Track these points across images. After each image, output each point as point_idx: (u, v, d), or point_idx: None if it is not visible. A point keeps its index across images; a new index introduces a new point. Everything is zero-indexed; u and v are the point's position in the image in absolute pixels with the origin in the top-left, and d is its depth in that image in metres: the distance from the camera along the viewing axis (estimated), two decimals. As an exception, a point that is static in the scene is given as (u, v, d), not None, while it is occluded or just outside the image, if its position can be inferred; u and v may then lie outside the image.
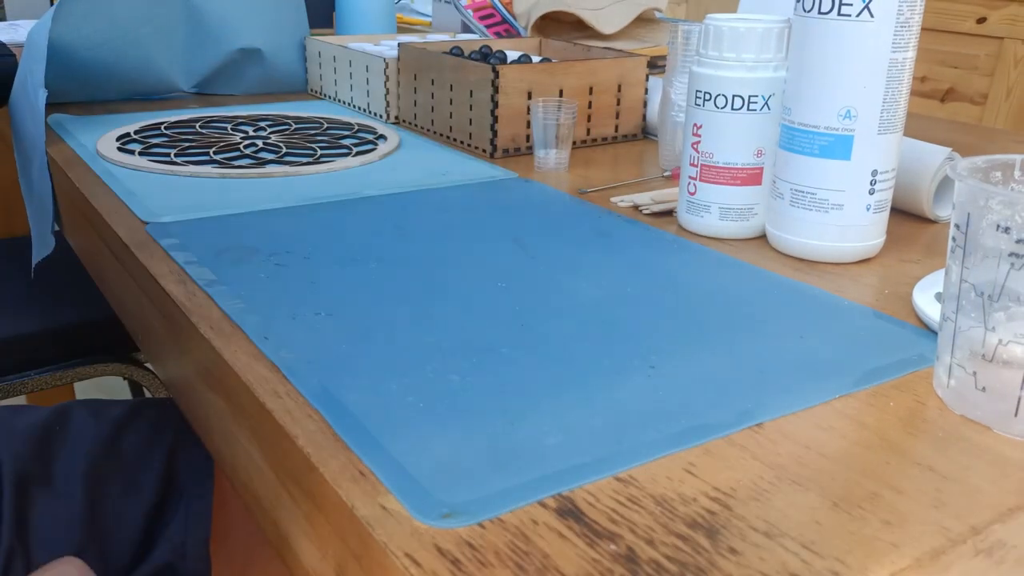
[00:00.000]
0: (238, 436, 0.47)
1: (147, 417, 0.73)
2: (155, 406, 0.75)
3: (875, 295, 0.56)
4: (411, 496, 0.35)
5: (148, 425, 0.72)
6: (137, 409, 0.74)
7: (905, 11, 0.55)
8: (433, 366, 0.45)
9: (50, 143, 0.89)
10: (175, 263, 0.58)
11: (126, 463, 0.69)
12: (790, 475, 0.37)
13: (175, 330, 0.55)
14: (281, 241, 0.62)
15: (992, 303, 0.39)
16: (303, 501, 0.40)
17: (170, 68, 1.09)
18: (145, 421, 0.72)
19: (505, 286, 0.55)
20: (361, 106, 1.05)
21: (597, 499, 0.35)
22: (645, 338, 0.49)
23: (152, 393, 1.19)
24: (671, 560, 0.32)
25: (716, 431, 0.40)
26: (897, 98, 0.58)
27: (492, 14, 1.31)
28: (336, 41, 1.14)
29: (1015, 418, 0.40)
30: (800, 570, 0.31)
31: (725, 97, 0.63)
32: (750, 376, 0.45)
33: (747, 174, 0.64)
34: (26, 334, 1.10)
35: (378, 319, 0.50)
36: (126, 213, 0.68)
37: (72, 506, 0.65)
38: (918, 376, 0.46)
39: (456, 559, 0.32)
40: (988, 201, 0.39)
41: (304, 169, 0.80)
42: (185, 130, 0.93)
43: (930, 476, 0.37)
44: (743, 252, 0.63)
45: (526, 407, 0.41)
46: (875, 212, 0.60)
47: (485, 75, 0.84)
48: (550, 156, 0.82)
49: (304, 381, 0.43)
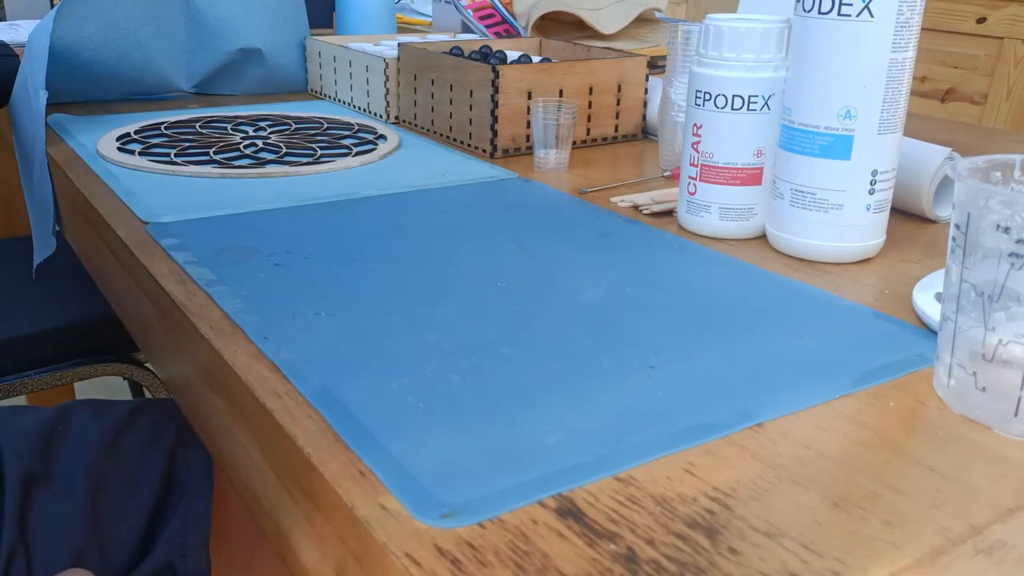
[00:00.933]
0: (238, 436, 0.47)
1: (147, 418, 0.73)
2: (155, 406, 0.75)
3: (875, 295, 0.56)
4: (411, 496, 0.35)
5: (148, 426, 0.72)
6: (137, 410, 0.74)
7: (905, 11, 0.55)
8: (433, 366, 0.45)
9: (50, 143, 0.89)
10: (175, 263, 0.58)
11: (126, 463, 0.69)
12: (790, 475, 0.37)
13: (175, 330, 0.55)
14: (281, 241, 0.62)
15: (992, 303, 0.39)
16: (303, 501, 0.40)
17: (170, 68, 1.09)
18: (145, 422, 0.72)
19: (505, 286, 0.55)
20: (361, 106, 1.05)
21: (597, 499, 0.35)
22: (645, 338, 0.49)
23: (152, 393, 1.19)
24: (671, 560, 0.32)
25: (716, 431, 0.40)
26: (897, 98, 0.58)
27: (492, 14, 1.31)
28: (336, 41, 1.14)
29: (1015, 418, 0.40)
30: (800, 570, 0.31)
31: (725, 97, 0.63)
32: (750, 376, 0.45)
33: (747, 174, 0.64)
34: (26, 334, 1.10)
35: (378, 319, 0.50)
36: (126, 213, 0.68)
37: (73, 506, 0.65)
38: (918, 376, 0.46)
39: (456, 559, 0.32)
40: (988, 201, 0.39)
41: (304, 169, 0.80)
42: (185, 130, 0.93)
43: (930, 476, 0.37)
44: (743, 252, 0.63)
45: (526, 407, 0.41)
46: (875, 212, 0.60)
47: (485, 75, 0.84)
48: (550, 156, 0.82)
49: (304, 381, 0.43)
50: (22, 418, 0.70)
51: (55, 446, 0.68)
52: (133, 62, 1.05)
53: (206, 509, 0.69)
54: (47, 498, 0.65)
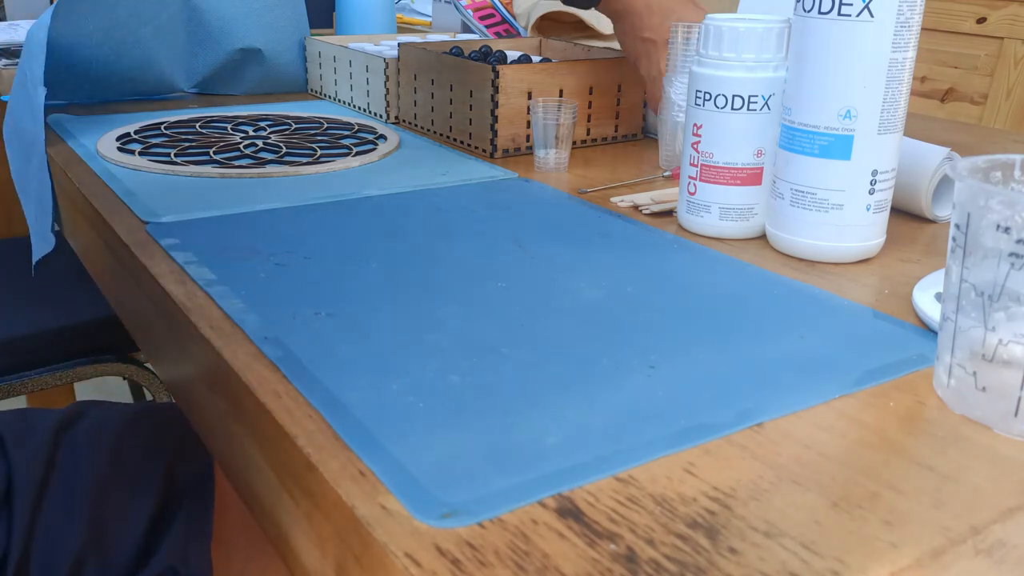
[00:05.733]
0: (238, 436, 0.47)
1: (149, 423, 0.73)
2: (157, 412, 0.76)
3: (875, 295, 0.56)
4: (411, 496, 0.35)
5: (150, 431, 0.72)
6: (139, 415, 0.74)
7: (905, 11, 0.55)
8: (433, 366, 0.45)
9: (50, 143, 0.89)
10: (175, 263, 0.58)
11: (129, 468, 0.69)
12: (790, 475, 0.37)
13: (175, 330, 0.55)
14: (281, 241, 0.62)
15: (992, 303, 0.39)
16: (303, 501, 0.40)
17: (170, 68, 1.09)
18: (148, 427, 0.73)
19: (505, 286, 0.55)
20: (361, 106, 1.05)
21: (597, 499, 0.35)
22: (645, 338, 0.49)
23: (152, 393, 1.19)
24: (671, 560, 0.32)
25: (716, 431, 0.40)
26: (897, 98, 0.58)
27: (492, 14, 1.31)
28: (336, 41, 1.14)
29: (1015, 418, 0.40)
30: (800, 570, 0.31)
31: (725, 97, 0.63)
32: (750, 376, 0.45)
33: (747, 174, 0.64)
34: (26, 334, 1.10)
35: (378, 319, 0.50)
36: (126, 213, 0.68)
37: (74, 511, 0.65)
38: (918, 376, 0.46)
39: (456, 559, 0.32)
40: (988, 201, 0.39)
41: (304, 169, 0.80)
42: (185, 130, 0.93)
43: (930, 476, 0.37)
44: (743, 252, 0.63)
45: (526, 407, 0.41)
46: (875, 212, 0.60)
47: (485, 75, 0.84)
48: (550, 156, 0.82)
49: (304, 381, 0.43)
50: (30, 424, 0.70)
51: (58, 451, 0.68)
52: (133, 61, 1.05)
53: (208, 514, 0.69)
54: (50, 503, 0.65)
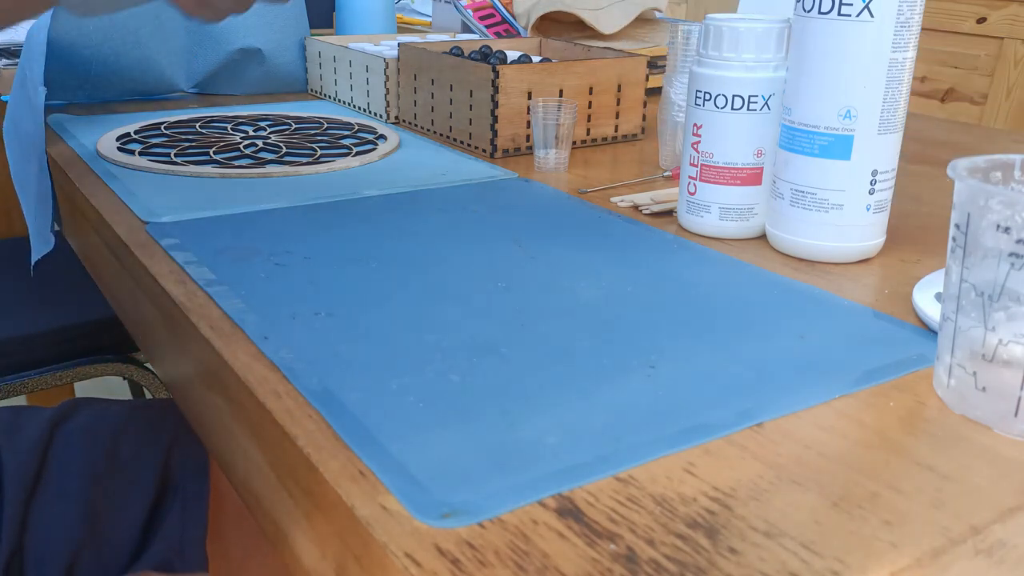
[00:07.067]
0: (238, 436, 0.47)
1: (145, 418, 0.73)
2: (153, 407, 0.76)
3: (875, 295, 0.56)
4: (411, 496, 0.35)
5: (146, 425, 0.72)
6: (135, 410, 0.74)
7: (905, 11, 0.55)
8: (433, 366, 0.45)
9: (50, 143, 0.89)
10: (175, 263, 0.58)
11: (124, 463, 0.69)
12: (790, 475, 0.37)
13: (175, 330, 0.55)
14: (281, 241, 0.62)
15: (992, 303, 0.39)
16: (303, 501, 0.40)
17: (170, 68, 1.09)
18: (143, 421, 0.73)
19: (505, 286, 0.55)
20: (361, 106, 1.05)
21: (597, 499, 0.35)
22: (645, 338, 0.49)
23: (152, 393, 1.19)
24: (671, 560, 0.32)
25: (716, 431, 0.40)
26: (897, 98, 0.58)
27: (492, 14, 1.31)
28: (336, 41, 1.14)
29: (1015, 418, 0.40)
30: (800, 570, 0.31)
31: (725, 97, 0.63)
32: (750, 376, 0.45)
33: (747, 174, 0.64)
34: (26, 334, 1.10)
35: (378, 319, 0.50)
36: (126, 213, 0.68)
37: (70, 505, 0.65)
38: (918, 376, 0.46)
39: (456, 559, 0.32)
40: (988, 201, 0.39)
41: (304, 169, 0.80)
42: (185, 130, 0.93)
43: (930, 476, 0.37)
44: (743, 252, 0.63)
45: (526, 407, 0.41)
46: (875, 212, 0.60)
47: (485, 75, 0.84)
48: (550, 156, 0.82)
49: (304, 381, 0.43)
50: (23, 419, 0.70)
51: (54, 446, 0.68)
52: (133, 61, 1.05)
53: (203, 507, 0.69)
54: (45, 498, 0.65)
